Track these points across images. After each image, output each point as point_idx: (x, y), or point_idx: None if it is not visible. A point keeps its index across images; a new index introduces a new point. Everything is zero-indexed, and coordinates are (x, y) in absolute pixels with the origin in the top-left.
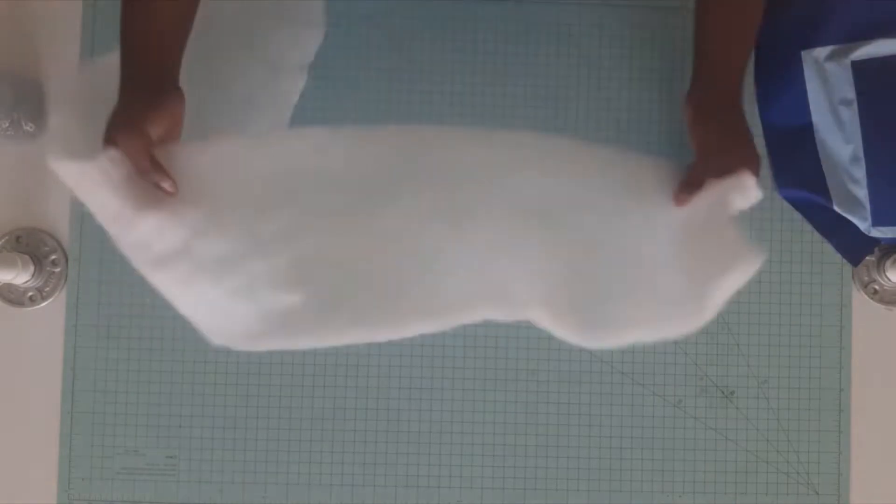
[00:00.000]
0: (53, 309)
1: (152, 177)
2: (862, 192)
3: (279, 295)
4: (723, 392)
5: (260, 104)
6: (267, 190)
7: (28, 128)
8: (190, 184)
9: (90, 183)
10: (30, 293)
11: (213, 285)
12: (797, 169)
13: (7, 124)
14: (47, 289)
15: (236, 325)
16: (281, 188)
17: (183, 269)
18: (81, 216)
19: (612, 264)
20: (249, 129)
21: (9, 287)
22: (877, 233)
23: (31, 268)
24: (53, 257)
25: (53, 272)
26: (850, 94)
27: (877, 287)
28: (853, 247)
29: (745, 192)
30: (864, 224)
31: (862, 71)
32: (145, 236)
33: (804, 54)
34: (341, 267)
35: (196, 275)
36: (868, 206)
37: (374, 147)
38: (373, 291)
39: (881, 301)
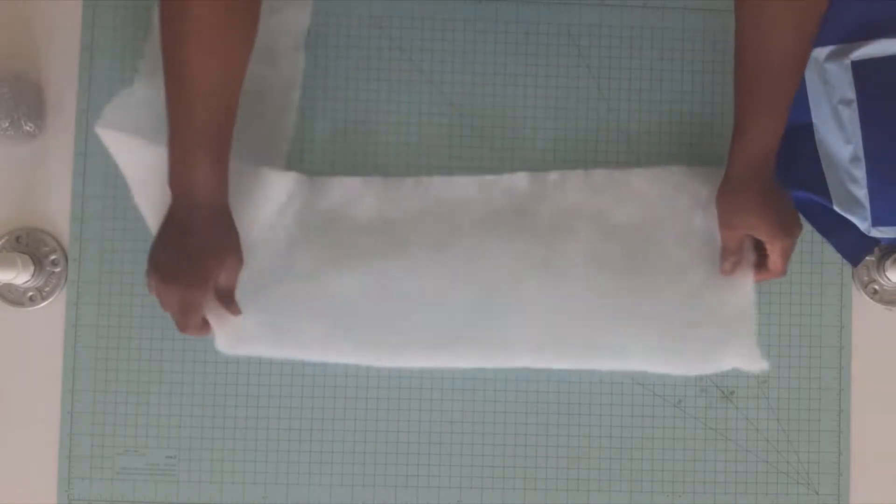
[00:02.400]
0: (53, 309)
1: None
2: (862, 192)
3: (298, 315)
4: (723, 392)
5: (265, 92)
6: (305, 226)
7: (28, 128)
8: (250, 203)
9: (161, 165)
10: (30, 293)
11: (243, 294)
12: (797, 168)
13: (7, 124)
14: (47, 289)
15: (252, 331)
16: (316, 227)
17: None
18: (81, 216)
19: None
20: (261, 116)
21: (9, 287)
22: (877, 233)
23: (31, 268)
24: (53, 257)
25: (53, 272)
26: (850, 93)
27: (877, 287)
28: (853, 247)
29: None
30: (864, 224)
31: (862, 71)
32: None
33: None
34: (355, 301)
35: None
36: (868, 206)
37: (398, 197)
38: (377, 325)
39: (881, 301)
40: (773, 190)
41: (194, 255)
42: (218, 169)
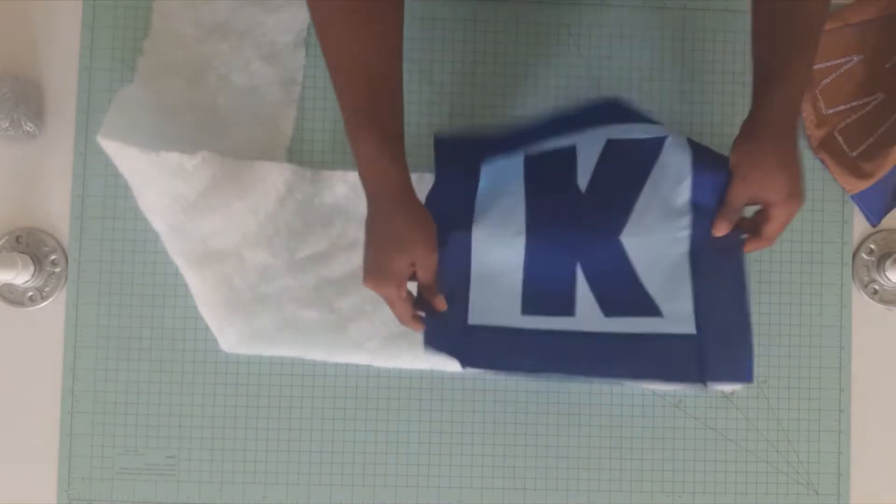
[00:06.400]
0: (53, 309)
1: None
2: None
3: (301, 310)
4: (723, 392)
5: (266, 89)
6: (308, 218)
7: (28, 128)
8: (250, 195)
9: (161, 171)
10: (30, 293)
11: (249, 287)
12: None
13: (7, 124)
14: (47, 289)
15: (255, 328)
16: (319, 219)
17: (229, 267)
18: (81, 216)
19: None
20: (262, 112)
21: (9, 287)
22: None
23: (31, 268)
24: (53, 257)
25: (53, 272)
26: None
27: (877, 287)
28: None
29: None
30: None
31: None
32: (205, 231)
33: None
34: (355, 293)
35: (237, 275)
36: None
37: None
38: (377, 322)
39: (881, 301)
40: (797, 152)
41: (381, 248)
42: (389, 155)
